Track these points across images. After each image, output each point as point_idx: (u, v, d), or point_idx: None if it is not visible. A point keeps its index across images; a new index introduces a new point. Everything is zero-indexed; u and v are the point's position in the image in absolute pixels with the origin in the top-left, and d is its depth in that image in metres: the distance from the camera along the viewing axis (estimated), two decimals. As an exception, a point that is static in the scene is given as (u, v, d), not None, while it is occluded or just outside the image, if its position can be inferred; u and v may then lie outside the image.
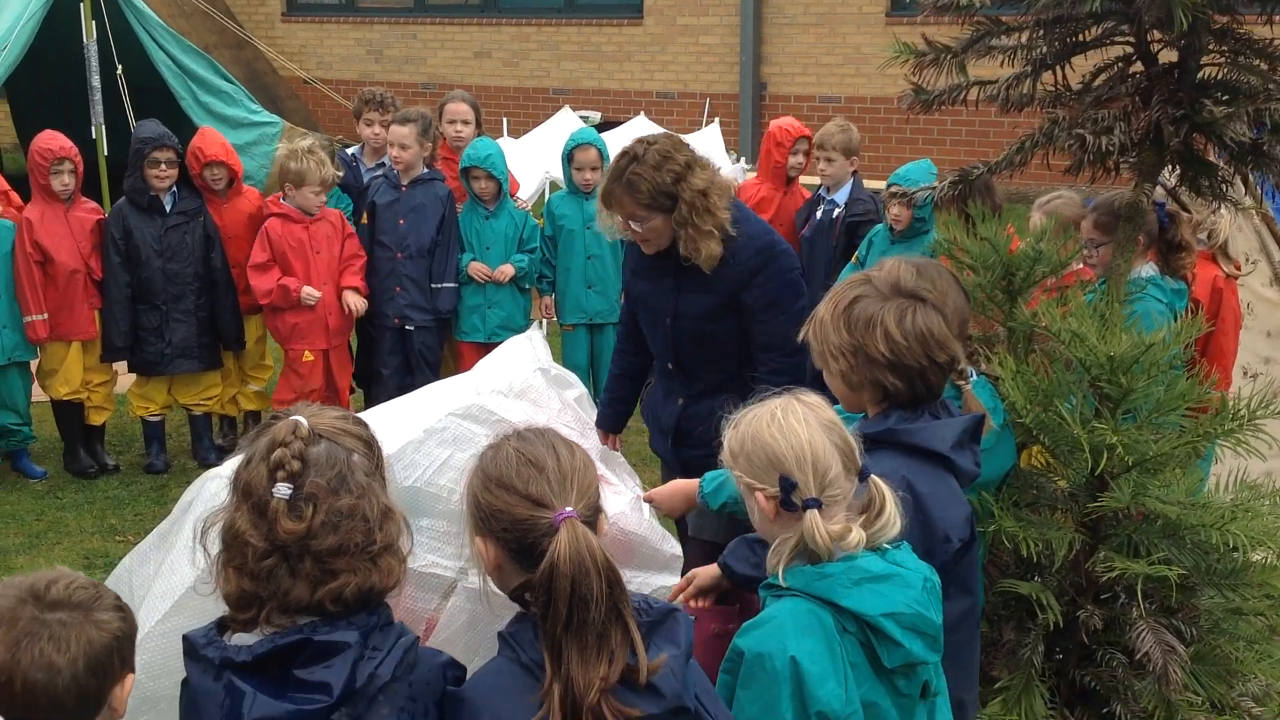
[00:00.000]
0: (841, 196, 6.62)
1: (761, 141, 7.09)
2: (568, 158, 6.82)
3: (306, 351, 6.69)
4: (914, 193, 4.98)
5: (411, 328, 6.71)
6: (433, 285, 6.72)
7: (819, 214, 6.67)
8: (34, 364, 6.73)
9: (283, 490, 2.01)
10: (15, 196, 6.70)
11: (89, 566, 5.54)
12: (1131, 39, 4.12)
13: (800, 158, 6.92)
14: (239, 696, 1.94)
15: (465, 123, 7.18)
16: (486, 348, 6.80)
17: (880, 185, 6.75)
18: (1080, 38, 4.19)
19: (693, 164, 3.93)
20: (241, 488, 2.06)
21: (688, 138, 11.35)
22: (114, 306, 6.58)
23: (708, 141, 10.90)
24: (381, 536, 2.05)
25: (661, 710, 2.03)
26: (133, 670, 2.11)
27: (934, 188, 4.47)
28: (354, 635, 1.99)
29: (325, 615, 2.02)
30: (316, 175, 6.45)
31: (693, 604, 3.03)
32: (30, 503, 6.42)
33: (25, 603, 2.05)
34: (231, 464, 4.49)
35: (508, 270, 6.72)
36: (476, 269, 6.72)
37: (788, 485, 2.31)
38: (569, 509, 2.08)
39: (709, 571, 3.06)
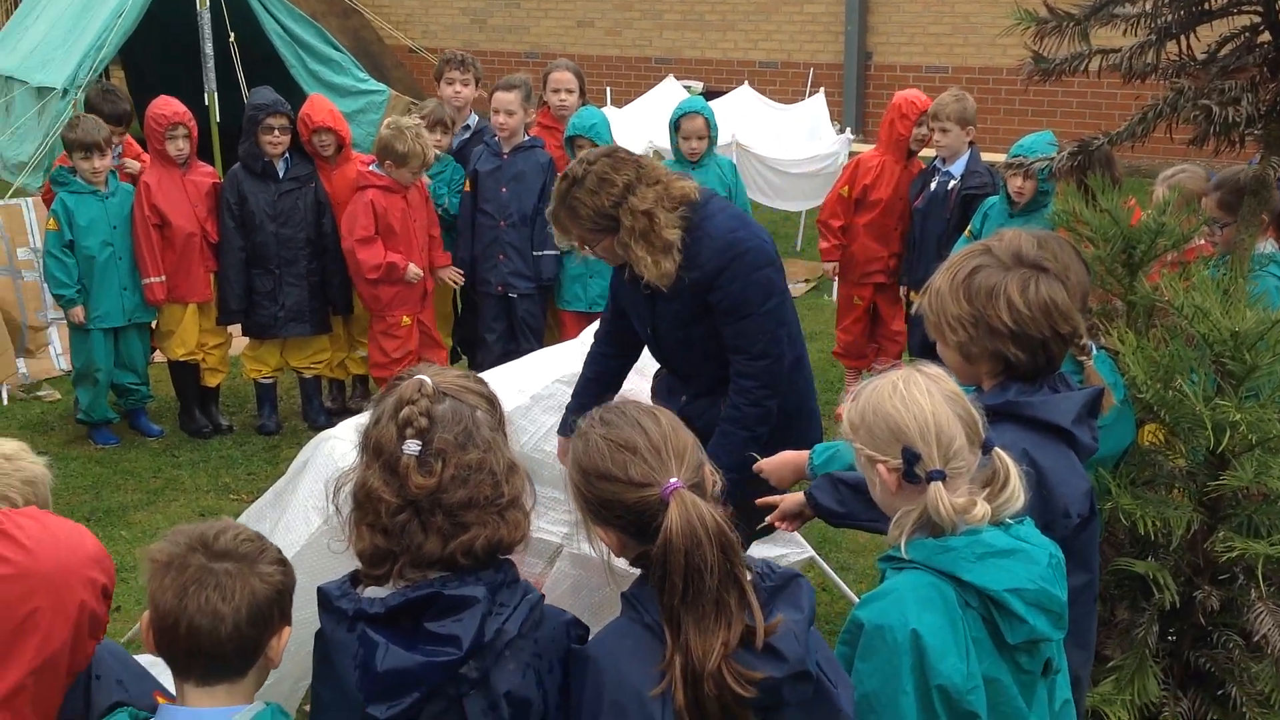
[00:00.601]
0: (957, 168, 6.53)
1: (885, 113, 7.02)
2: (675, 126, 6.80)
3: (405, 316, 6.79)
4: (1031, 163, 4.90)
5: (515, 295, 6.77)
6: (535, 253, 6.77)
7: (933, 185, 6.59)
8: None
9: (412, 447, 2.06)
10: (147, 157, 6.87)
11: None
12: (1259, 8, 4.02)
13: (924, 130, 6.82)
14: (372, 647, 2.00)
15: (569, 91, 7.18)
16: (588, 317, 6.84)
17: (995, 158, 6.65)
18: (1206, 6, 4.10)
19: (634, 184, 3.65)
20: (372, 446, 2.11)
21: (790, 108, 11.32)
22: (229, 270, 6.73)
23: (812, 112, 10.81)
24: (508, 490, 2.10)
25: (784, 674, 2.04)
26: (290, 623, 2.16)
27: (1052, 158, 4.39)
28: (482, 591, 2.04)
29: (455, 570, 2.06)
30: (420, 159, 6.51)
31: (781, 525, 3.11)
32: (148, 460, 6.61)
33: (195, 550, 2.09)
34: (345, 425, 4.61)
35: (611, 239, 6.73)
36: (580, 238, 6.74)
37: (911, 457, 2.30)
38: (674, 480, 2.09)
39: (794, 499, 3.13)
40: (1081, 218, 3.80)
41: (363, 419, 4.74)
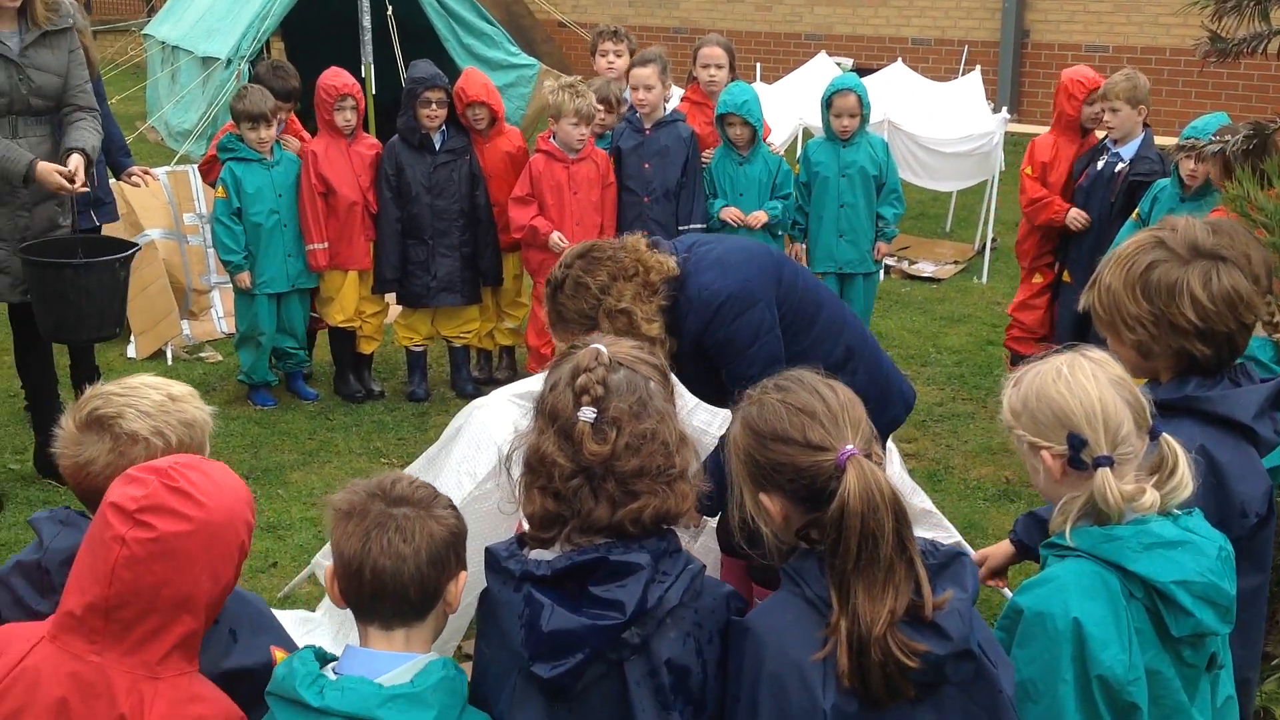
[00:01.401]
0: (1128, 151, 6.33)
1: (1055, 93, 6.89)
2: (826, 104, 6.76)
3: None
4: (1202, 145, 4.74)
5: (662, 270, 6.80)
6: (679, 228, 6.79)
7: (1100, 165, 6.41)
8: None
9: (588, 414, 2.11)
10: (307, 135, 7.06)
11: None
12: None
13: (1096, 108, 6.63)
14: (538, 608, 2.05)
15: (719, 67, 7.17)
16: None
17: (1160, 141, 6.45)
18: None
19: (609, 284, 3.54)
20: (547, 412, 2.15)
21: (944, 86, 11.09)
22: (385, 240, 6.89)
23: (966, 91, 10.60)
24: (679, 461, 2.13)
25: (947, 652, 2.04)
26: (465, 568, 2.23)
27: (1226, 140, 4.24)
28: (646, 558, 2.08)
29: (620, 537, 2.10)
30: (570, 106, 6.56)
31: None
32: (304, 422, 6.83)
33: (374, 498, 2.17)
34: (497, 394, 4.69)
35: (761, 216, 6.73)
36: (730, 214, 6.75)
37: (1077, 443, 2.26)
38: (850, 447, 2.10)
39: (1002, 550, 3.06)
40: (1256, 203, 3.68)
41: (515, 388, 4.85)
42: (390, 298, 7.22)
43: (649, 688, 2.07)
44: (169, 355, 7.72)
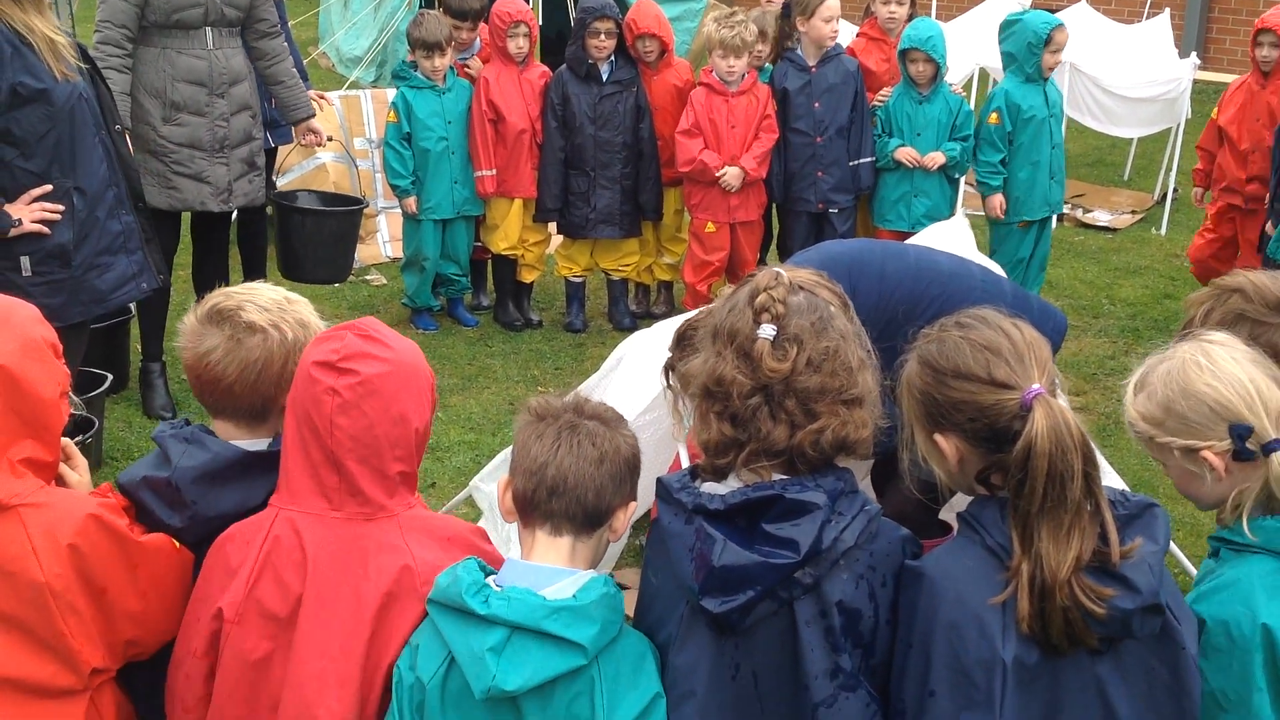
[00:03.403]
0: None
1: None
2: (1045, 41, 6.43)
3: (710, 223, 6.79)
4: None
5: (835, 210, 6.69)
6: (850, 163, 6.65)
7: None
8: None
9: (767, 330, 2.06)
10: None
11: (512, 412, 5.91)
12: None
13: (1265, 51, 6.33)
14: (710, 542, 2.01)
15: (900, 3, 6.98)
16: (910, 237, 6.69)
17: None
18: None
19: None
20: (725, 333, 2.10)
21: (1131, 29, 10.61)
22: (548, 169, 6.90)
23: (1154, 34, 10.10)
24: (860, 384, 2.07)
25: (1135, 606, 1.95)
26: (636, 500, 2.24)
27: None
28: (822, 497, 2.02)
29: (797, 468, 2.05)
30: (716, 38, 6.52)
31: None
32: (463, 348, 6.91)
33: (567, 409, 2.23)
34: (660, 325, 4.66)
35: (938, 158, 6.54)
36: (906, 154, 6.57)
37: (1244, 431, 2.14)
38: (1036, 386, 2.01)
39: None
40: None
41: (678, 321, 4.80)
42: (552, 227, 7.23)
43: (819, 629, 2.02)
44: (336, 277, 7.88)
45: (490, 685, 2.02)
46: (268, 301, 2.49)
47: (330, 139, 6.63)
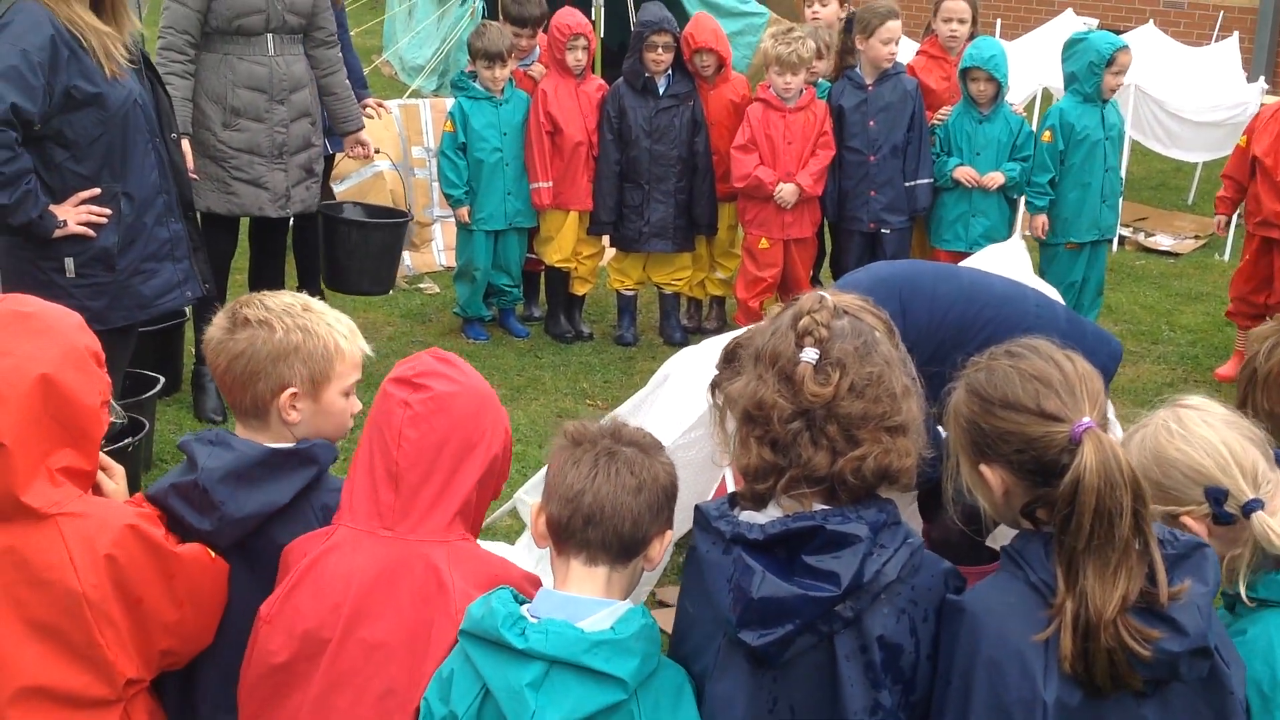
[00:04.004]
0: None
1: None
2: (1108, 62, 6.35)
3: (763, 239, 6.75)
4: None
5: (888, 231, 6.62)
6: (906, 184, 6.59)
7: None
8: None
9: (810, 354, 2.02)
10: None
11: (561, 424, 5.88)
12: None
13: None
14: (748, 573, 1.97)
15: (961, 21, 6.91)
16: (965, 257, 6.61)
17: None
18: None
19: None
20: (766, 356, 2.06)
21: (1198, 51, 10.46)
22: (603, 182, 6.89)
23: (1221, 58, 9.95)
24: (904, 411, 2.02)
25: (1183, 649, 1.89)
26: (671, 528, 2.20)
27: None
28: (865, 529, 1.97)
29: (838, 497, 2.01)
30: (774, 53, 6.49)
31: None
32: (513, 359, 6.91)
33: (604, 435, 2.20)
34: (708, 343, 4.63)
35: (998, 178, 6.46)
36: (965, 174, 6.50)
37: (1218, 495, 2.11)
38: (1086, 419, 1.96)
39: None
40: None
41: (726, 338, 4.77)
42: (605, 240, 7.22)
43: (859, 664, 1.97)
44: (390, 284, 7.91)
45: None
46: (275, 303, 2.51)
47: (378, 150, 6.65)
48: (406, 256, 8.11)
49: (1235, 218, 9.08)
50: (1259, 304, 6.62)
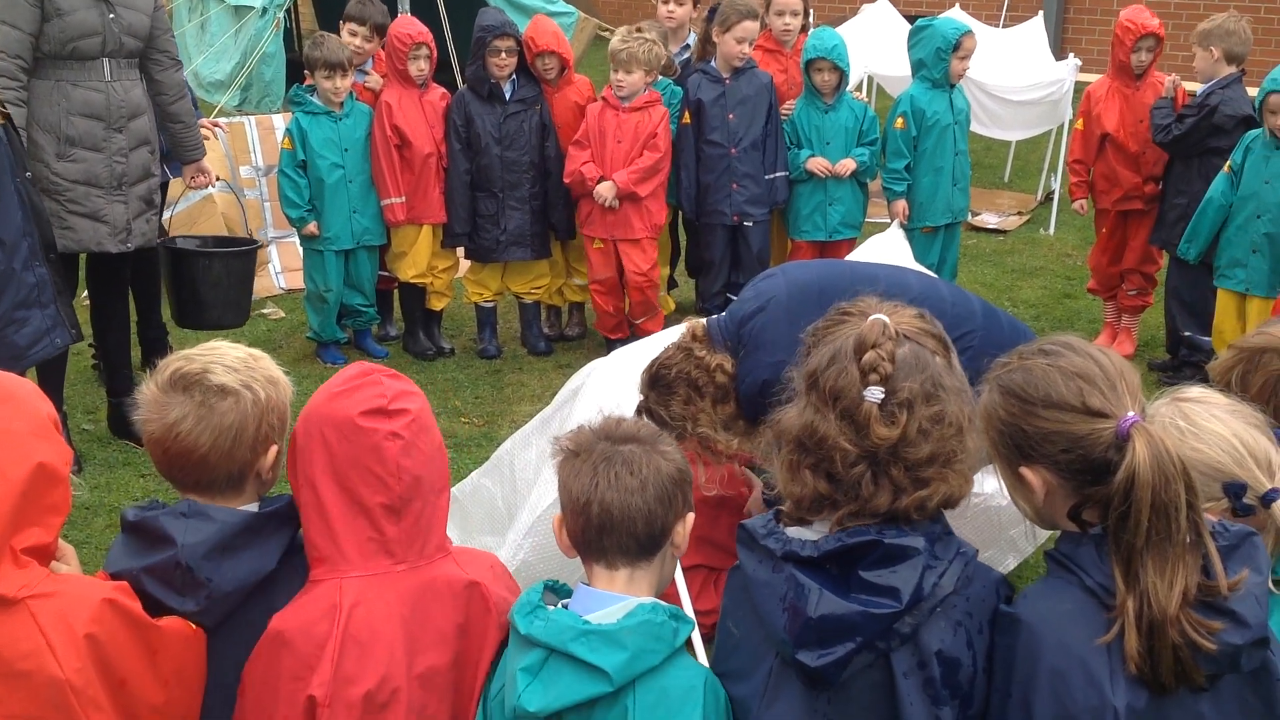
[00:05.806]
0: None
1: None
2: (954, 47, 6.47)
3: (597, 239, 6.69)
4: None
5: (750, 224, 6.64)
6: (766, 176, 6.63)
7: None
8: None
9: (874, 394, 1.94)
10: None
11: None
12: None
13: (1143, 55, 6.51)
14: (803, 591, 1.90)
15: (794, 14, 7.01)
16: (826, 246, 6.69)
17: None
18: None
19: (685, 412, 3.67)
20: (828, 391, 1.98)
21: (1007, 32, 10.81)
22: (455, 193, 6.70)
23: (1029, 38, 10.31)
24: (968, 444, 1.97)
25: (1245, 641, 1.88)
26: (692, 509, 2.18)
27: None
28: (922, 542, 1.92)
29: (895, 521, 1.95)
30: (611, 52, 6.48)
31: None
32: (374, 381, 6.66)
33: (600, 439, 2.16)
34: (616, 354, 4.53)
35: (849, 164, 6.55)
36: (817, 164, 6.56)
37: (1236, 489, 2.13)
38: (1132, 414, 1.93)
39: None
40: None
41: (633, 349, 4.66)
42: (459, 253, 7.04)
43: (918, 680, 1.92)
44: (229, 312, 7.54)
45: (515, 705, 2.01)
46: (234, 360, 2.33)
47: (219, 178, 6.34)
48: (243, 282, 7.76)
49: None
50: (1114, 275, 6.90)
